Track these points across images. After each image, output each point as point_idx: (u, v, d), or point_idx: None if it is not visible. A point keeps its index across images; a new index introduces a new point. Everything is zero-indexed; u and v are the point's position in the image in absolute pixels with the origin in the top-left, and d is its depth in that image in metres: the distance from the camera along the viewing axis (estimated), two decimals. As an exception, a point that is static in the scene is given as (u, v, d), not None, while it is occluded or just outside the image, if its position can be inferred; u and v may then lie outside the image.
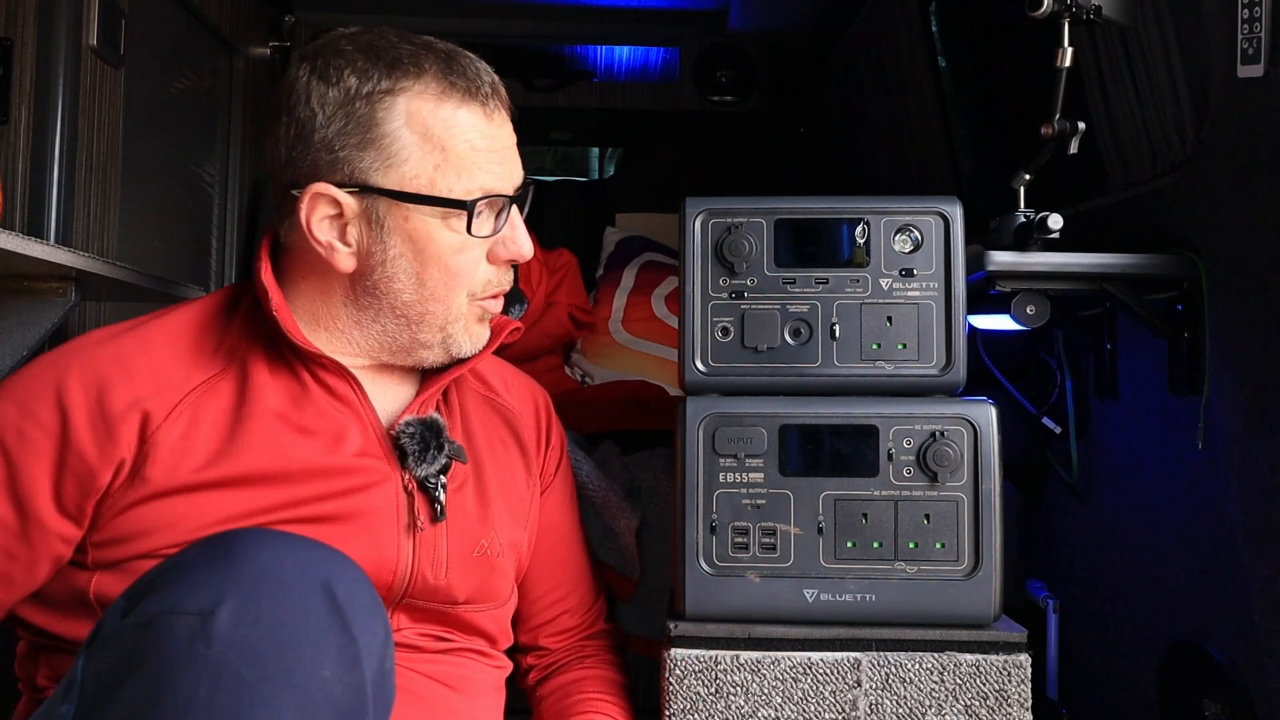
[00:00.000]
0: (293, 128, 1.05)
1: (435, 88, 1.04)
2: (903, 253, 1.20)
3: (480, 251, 1.09)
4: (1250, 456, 1.23)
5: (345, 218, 1.05)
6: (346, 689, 0.79)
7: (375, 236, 1.05)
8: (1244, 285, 1.25)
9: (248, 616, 0.77)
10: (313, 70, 1.05)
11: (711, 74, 3.15)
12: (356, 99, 1.03)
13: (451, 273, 1.07)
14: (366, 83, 1.03)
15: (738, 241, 1.20)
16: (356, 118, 1.03)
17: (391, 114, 1.03)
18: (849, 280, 1.20)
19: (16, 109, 1.63)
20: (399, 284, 1.06)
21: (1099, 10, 1.27)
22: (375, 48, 1.05)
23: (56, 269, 1.37)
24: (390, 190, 1.04)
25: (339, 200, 1.04)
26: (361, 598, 0.83)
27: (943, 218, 1.20)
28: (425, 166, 1.04)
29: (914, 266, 1.20)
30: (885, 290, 1.20)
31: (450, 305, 1.09)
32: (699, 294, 1.21)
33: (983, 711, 1.15)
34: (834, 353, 1.21)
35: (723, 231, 1.21)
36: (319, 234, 1.05)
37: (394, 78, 1.04)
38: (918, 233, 1.20)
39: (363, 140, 1.03)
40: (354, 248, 1.06)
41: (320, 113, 1.03)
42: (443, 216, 1.05)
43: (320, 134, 1.03)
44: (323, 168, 1.04)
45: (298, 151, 1.05)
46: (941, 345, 1.21)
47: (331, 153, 1.03)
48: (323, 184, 1.04)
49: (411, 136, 1.03)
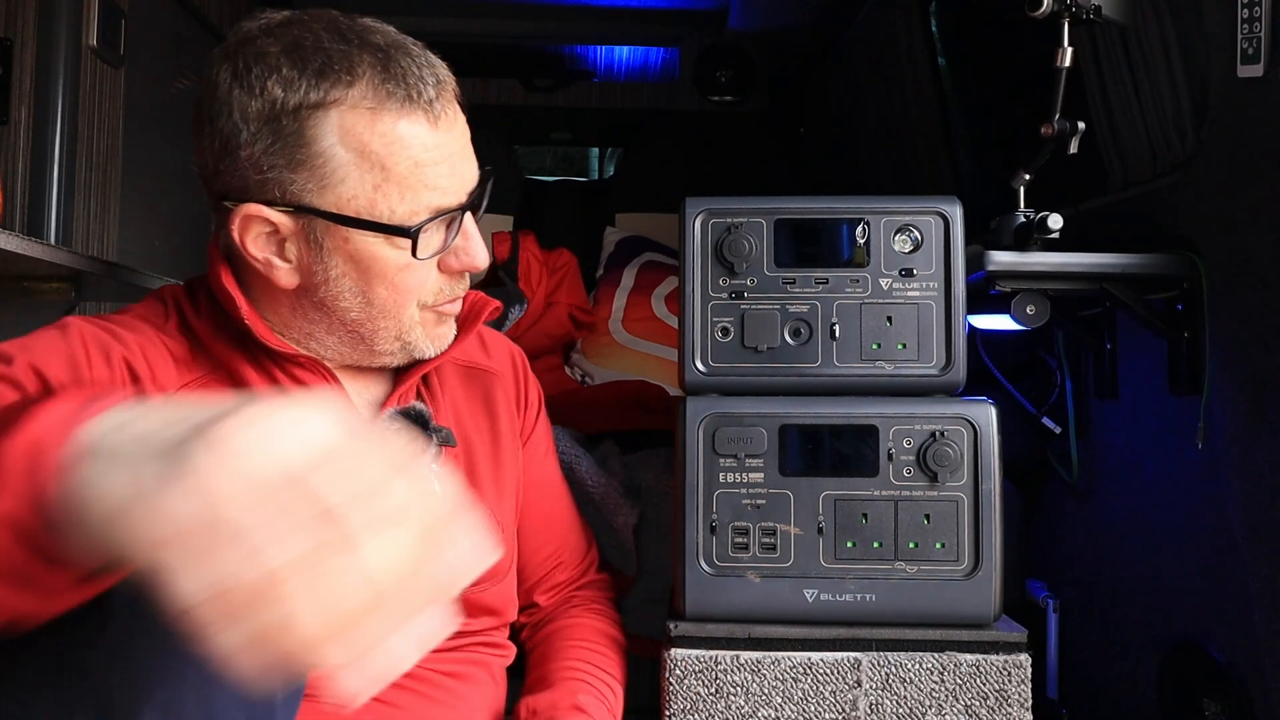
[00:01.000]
0: (216, 140, 0.96)
1: (371, 98, 0.94)
2: (903, 253, 1.20)
3: (429, 266, 1.01)
4: (1250, 456, 1.23)
5: (282, 234, 0.97)
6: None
7: (315, 255, 0.97)
8: (1244, 285, 1.25)
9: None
10: (234, 76, 0.94)
11: (711, 74, 3.15)
12: (283, 114, 0.93)
13: (400, 289, 1.00)
14: (293, 95, 0.93)
15: (738, 241, 1.20)
16: (284, 135, 0.93)
17: (323, 131, 0.93)
18: (849, 280, 1.20)
19: (16, 109, 1.63)
20: (345, 302, 0.99)
21: (1099, 10, 1.27)
22: (301, 49, 0.94)
23: (56, 269, 1.37)
24: (327, 212, 0.95)
25: (272, 220, 0.96)
26: None
27: (943, 218, 1.21)
28: (364, 187, 0.94)
29: (914, 266, 1.20)
30: (885, 290, 1.20)
31: (402, 318, 1.02)
32: (699, 294, 1.21)
33: (983, 711, 1.15)
34: (834, 353, 1.21)
35: (723, 231, 1.21)
36: (255, 251, 0.97)
37: (323, 89, 0.93)
38: (918, 233, 1.20)
39: (293, 160, 0.93)
40: (294, 264, 0.98)
41: (245, 128, 0.94)
42: (386, 237, 0.97)
43: (246, 151, 0.94)
44: (252, 186, 0.95)
45: (225, 165, 0.96)
46: (941, 345, 1.21)
47: (260, 172, 0.94)
48: (254, 205, 0.95)
49: (347, 155, 0.94)
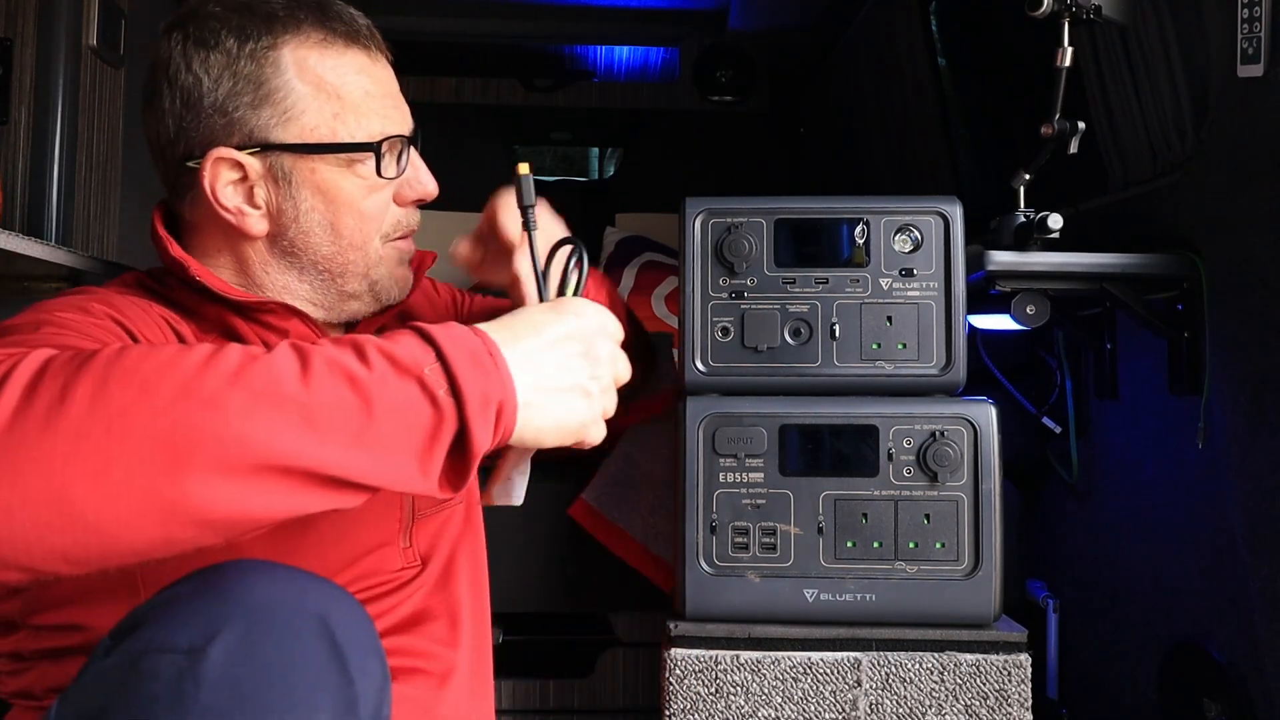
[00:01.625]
0: (178, 98, 1.00)
1: (316, 35, 1.02)
2: (903, 252, 1.21)
3: (388, 194, 1.06)
4: (1250, 456, 1.23)
5: (250, 180, 1.01)
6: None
7: (284, 194, 1.02)
8: (1244, 285, 1.25)
9: (241, 653, 0.71)
10: (186, 37, 1.00)
11: (711, 74, 3.15)
12: (240, 57, 0.99)
13: (365, 217, 1.04)
14: (247, 41, 1.00)
15: (738, 241, 1.20)
16: (244, 76, 0.99)
17: (280, 68, 1.00)
18: (849, 280, 1.21)
19: (16, 109, 1.63)
20: (315, 238, 1.03)
21: (1099, 10, 1.27)
22: (248, 6, 1.02)
23: (56, 269, 1.37)
24: (293, 144, 1.00)
25: (241, 163, 1.00)
26: (361, 637, 0.78)
27: (943, 217, 1.21)
28: (324, 116, 1.01)
29: (914, 266, 1.21)
30: (885, 290, 1.21)
31: (368, 251, 1.06)
32: (699, 294, 1.21)
33: (983, 711, 1.15)
34: (834, 353, 1.21)
35: (723, 231, 1.21)
36: (225, 201, 1.01)
37: (274, 32, 1.00)
38: (918, 233, 1.21)
39: (255, 98, 0.99)
40: (264, 209, 1.02)
41: (206, 77, 0.99)
42: (348, 164, 1.02)
43: (210, 98, 0.99)
44: (218, 132, 1.00)
45: (187, 121, 1.00)
46: (942, 345, 1.21)
47: (225, 115, 0.99)
48: (222, 148, 0.99)
49: (305, 88, 1.00)
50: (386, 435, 0.72)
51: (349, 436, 0.71)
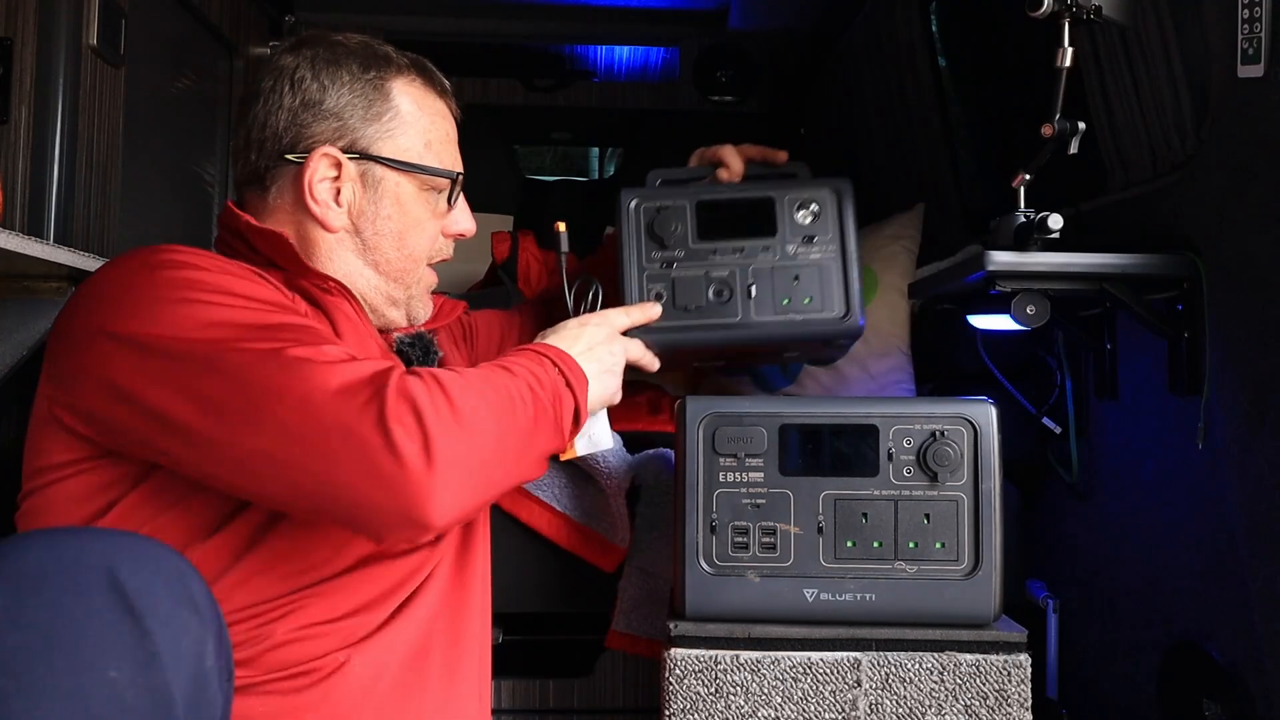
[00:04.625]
0: (299, 99, 1.17)
1: (420, 81, 1.23)
2: (804, 224, 1.40)
3: (439, 224, 1.25)
4: (1250, 456, 1.23)
5: (341, 180, 1.17)
6: (143, 691, 0.72)
7: (369, 198, 1.18)
8: (1244, 285, 1.25)
9: (8, 620, 0.69)
10: (315, 55, 1.19)
11: (711, 74, 3.15)
12: (361, 79, 1.18)
13: (426, 236, 1.23)
14: (368, 70, 1.19)
15: (665, 220, 1.41)
16: (362, 93, 1.18)
17: (390, 95, 1.19)
18: (761, 248, 1.40)
19: (16, 109, 1.63)
20: (386, 241, 1.20)
21: (1099, 10, 1.27)
22: (367, 45, 1.22)
23: (56, 269, 1.37)
24: (389, 159, 1.18)
25: (340, 163, 1.16)
26: (161, 587, 0.76)
27: (836, 192, 1.41)
28: (416, 143, 1.20)
29: (815, 234, 1.40)
30: (791, 255, 1.40)
31: (419, 268, 1.24)
32: (635, 266, 1.42)
33: (983, 711, 1.15)
34: (751, 309, 1.38)
35: (653, 213, 1.42)
36: (317, 193, 1.16)
37: (389, 69, 1.20)
38: (816, 205, 1.41)
39: (368, 113, 1.17)
40: (346, 207, 1.18)
41: (330, 86, 1.17)
42: (424, 187, 1.21)
43: (329, 104, 1.17)
44: (329, 134, 1.17)
45: (303, 119, 1.16)
46: (841, 297, 1.38)
47: (340, 120, 1.17)
48: (329, 147, 1.16)
49: (406, 116, 1.20)
50: (557, 420, 1.11)
51: (557, 422, 1.11)
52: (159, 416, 0.94)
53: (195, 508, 1.01)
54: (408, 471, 0.91)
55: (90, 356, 0.98)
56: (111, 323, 0.98)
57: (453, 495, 0.94)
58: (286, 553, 1.03)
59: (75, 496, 1.00)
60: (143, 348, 0.95)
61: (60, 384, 1.00)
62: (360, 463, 0.90)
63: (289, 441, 0.91)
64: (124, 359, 0.96)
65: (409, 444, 0.91)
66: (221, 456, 0.93)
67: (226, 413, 0.92)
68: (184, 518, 1.00)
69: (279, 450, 0.92)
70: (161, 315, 0.97)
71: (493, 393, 1.02)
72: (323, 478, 0.91)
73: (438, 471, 0.92)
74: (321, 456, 0.91)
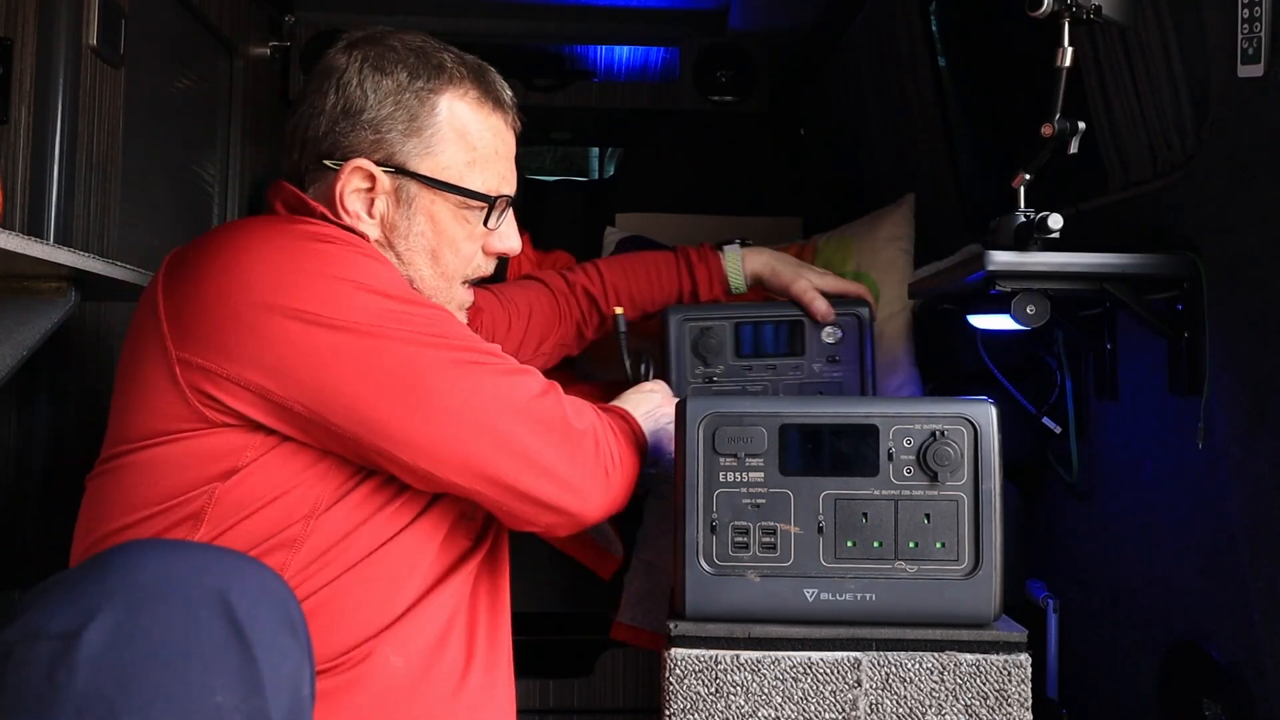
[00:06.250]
0: (340, 104, 1.14)
1: (475, 94, 1.18)
2: (829, 344, 1.58)
3: (480, 242, 1.22)
4: (1250, 456, 1.23)
5: (375, 193, 1.15)
6: (245, 717, 0.71)
7: (402, 214, 1.16)
8: (1244, 285, 1.25)
9: (122, 635, 0.69)
10: (365, 59, 1.15)
11: (711, 74, 3.14)
12: (407, 91, 1.14)
13: (460, 257, 1.20)
14: (417, 79, 1.15)
15: (707, 340, 1.60)
16: (406, 106, 1.14)
17: (436, 109, 1.16)
18: (791, 366, 1.59)
19: (16, 109, 1.63)
20: (419, 258, 1.18)
21: (1099, 10, 1.27)
22: (424, 51, 1.18)
23: (56, 269, 1.37)
24: (426, 176, 1.16)
25: (375, 176, 1.14)
26: (268, 612, 0.76)
27: (857, 319, 1.59)
28: (458, 160, 1.17)
29: (838, 355, 1.58)
30: (817, 373, 1.59)
31: (453, 286, 1.22)
32: (682, 379, 1.61)
33: (983, 711, 1.15)
34: None
35: (697, 333, 1.60)
36: (348, 204, 1.15)
37: (441, 79, 1.16)
38: (840, 330, 1.60)
39: (409, 128, 1.14)
40: (378, 220, 1.16)
41: (372, 95, 1.14)
42: (462, 206, 1.18)
43: (370, 115, 1.14)
44: (366, 146, 1.14)
45: (341, 127, 1.14)
46: None
47: (378, 133, 1.14)
48: (364, 160, 1.14)
49: (450, 132, 1.16)
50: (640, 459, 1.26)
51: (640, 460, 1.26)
52: (357, 409, 1.01)
53: (315, 477, 1.04)
54: (613, 487, 1.17)
55: (266, 332, 0.99)
56: (286, 299, 1.00)
57: (610, 504, 1.20)
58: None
59: (202, 455, 1.01)
60: (331, 328, 1.00)
61: (210, 352, 0.99)
62: (593, 469, 1.15)
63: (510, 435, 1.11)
64: (316, 339, 1.00)
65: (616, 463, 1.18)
66: (411, 443, 1.03)
67: (421, 406, 1.03)
68: (314, 485, 1.04)
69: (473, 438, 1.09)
70: (343, 298, 1.01)
71: (636, 429, 1.28)
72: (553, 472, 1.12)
73: (620, 491, 1.19)
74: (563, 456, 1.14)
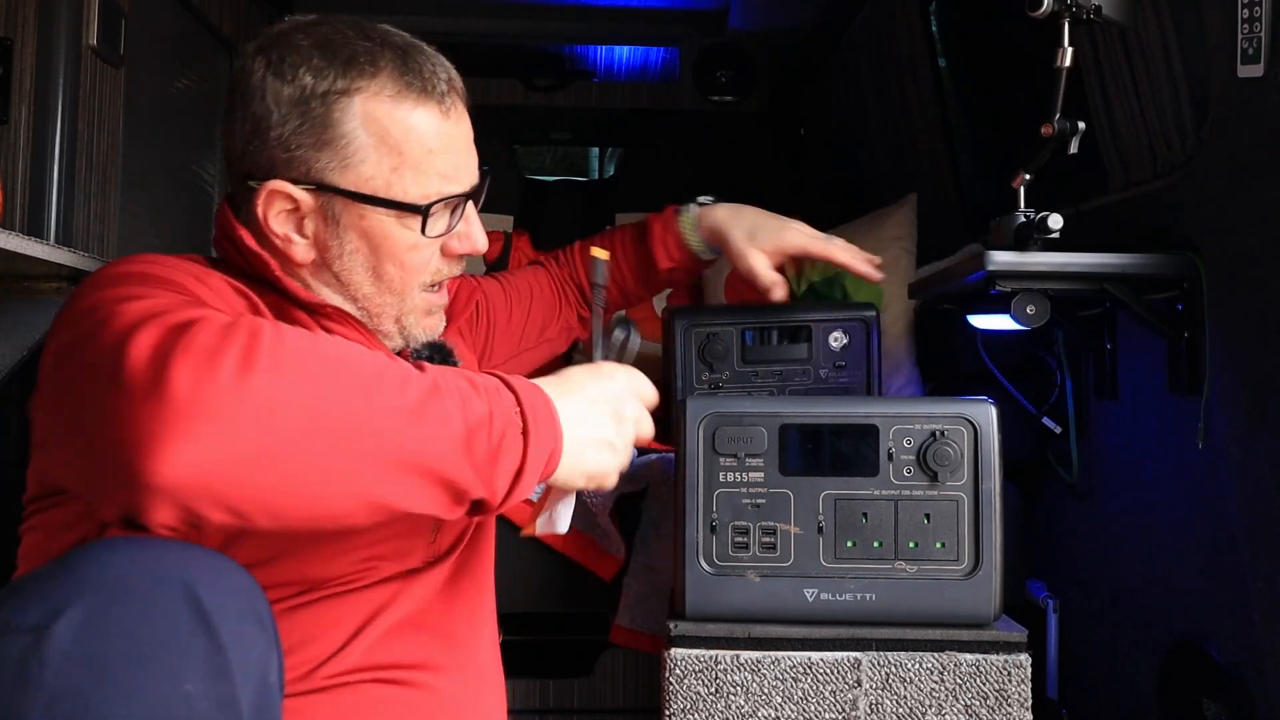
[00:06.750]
0: (248, 123, 1.03)
1: (391, 88, 1.03)
2: (835, 350, 1.53)
3: (435, 247, 1.09)
4: (1250, 456, 1.23)
5: (302, 212, 1.04)
6: (215, 705, 0.72)
7: (332, 233, 1.04)
8: (1244, 285, 1.25)
9: (91, 628, 0.69)
10: (268, 65, 1.03)
11: (711, 74, 3.15)
12: (312, 99, 1.01)
13: (407, 268, 1.07)
14: (322, 82, 1.01)
15: (714, 346, 1.54)
16: (312, 118, 1.01)
17: (348, 115, 1.01)
18: (798, 372, 1.53)
19: (16, 109, 1.63)
20: (358, 276, 1.06)
21: (1099, 10, 1.27)
22: (331, 43, 1.03)
23: (56, 269, 1.37)
24: (347, 190, 1.02)
25: (294, 196, 1.03)
26: (234, 603, 0.76)
27: (864, 323, 1.52)
28: (382, 168, 1.03)
29: (845, 361, 1.52)
30: (824, 379, 1.53)
31: (405, 299, 1.09)
32: (687, 388, 1.55)
33: (983, 711, 1.15)
34: None
35: (704, 338, 1.54)
36: (275, 227, 1.04)
37: (349, 77, 1.02)
38: (846, 335, 1.53)
39: (319, 140, 1.01)
40: (310, 240, 1.05)
41: (276, 110, 1.02)
42: (398, 216, 1.04)
43: (276, 132, 1.02)
44: (279, 165, 1.02)
45: (254, 146, 1.03)
46: None
47: (288, 151, 1.02)
48: (279, 181, 1.02)
49: (368, 138, 1.02)
50: (492, 461, 0.86)
51: (478, 458, 0.85)
52: None
53: None
54: (136, 401, 0.72)
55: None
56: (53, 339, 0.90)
57: (198, 455, 0.72)
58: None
59: (60, 524, 0.94)
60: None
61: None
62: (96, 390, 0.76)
63: None
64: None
65: (154, 371, 0.73)
66: None
67: None
68: None
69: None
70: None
71: (347, 370, 0.81)
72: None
73: (177, 410, 0.72)
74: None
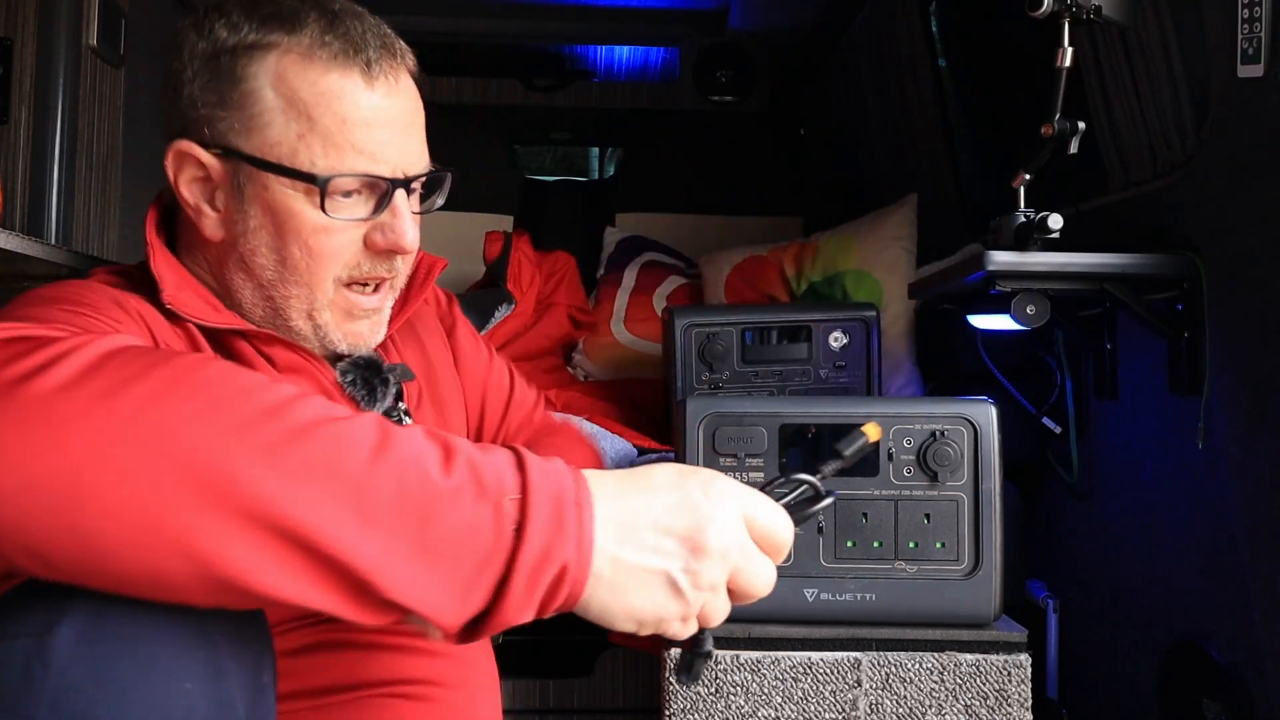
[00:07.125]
0: (170, 82, 0.97)
1: (306, 46, 0.93)
2: (835, 350, 1.53)
3: (353, 235, 0.96)
4: (1250, 456, 1.23)
5: (213, 181, 0.95)
6: (213, 705, 0.72)
7: (237, 204, 0.95)
8: (1244, 285, 1.25)
9: (92, 629, 0.68)
10: (191, 22, 0.97)
11: (711, 74, 3.15)
12: (222, 54, 0.93)
13: (313, 253, 0.95)
14: (234, 35, 0.93)
15: (714, 346, 1.54)
16: (220, 73, 0.93)
17: (255, 71, 0.92)
18: (798, 372, 1.55)
19: (16, 109, 1.63)
20: (261, 258, 0.95)
21: (1099, 10, 1.27)
22: (258, 1, 0.95)
23: (56, 269, 1.37)
24: (249, 155, 0.93)
25: (203, 161, 0.94)
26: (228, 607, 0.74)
27: (864, 323, 1.52)
28: (288, 134, 0.92)
29: (845, 361, 1.53)
30: (824, 379, 1.54)
31: (315, 290, 0.97)
32: (687, 388, 1.55)
33: (983, 711, 1.15)
34: None
35: (704, 338, 1.54)
36: (187, 195, 0.96)
37: (264, 31, 0.93)
38: (847, 335, 1.55)
39: (224, 99, 0.93)
40: (220, 213, 0.96)
41: (189, 66, 0.94)
42: (306, 191, 0.93)
43: (187, 89, 0.94)
44: (190, 125, 0.95)
45: (169, 106, 0.97)
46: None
47: (195, 109, 0.94)
48: (185, 142, 0.94)
49: (276, 100, 0.92)
50: (432, 554, 0.63)
51: (396, 540, 0.62)
52: None
53: None
54: None
55: None
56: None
57: None
58: None
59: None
60: None
61: None
62: None
63: None
64: None
65: None
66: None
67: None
68: None
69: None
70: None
71: (199, 388, 0.63)
72: None
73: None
74: None
